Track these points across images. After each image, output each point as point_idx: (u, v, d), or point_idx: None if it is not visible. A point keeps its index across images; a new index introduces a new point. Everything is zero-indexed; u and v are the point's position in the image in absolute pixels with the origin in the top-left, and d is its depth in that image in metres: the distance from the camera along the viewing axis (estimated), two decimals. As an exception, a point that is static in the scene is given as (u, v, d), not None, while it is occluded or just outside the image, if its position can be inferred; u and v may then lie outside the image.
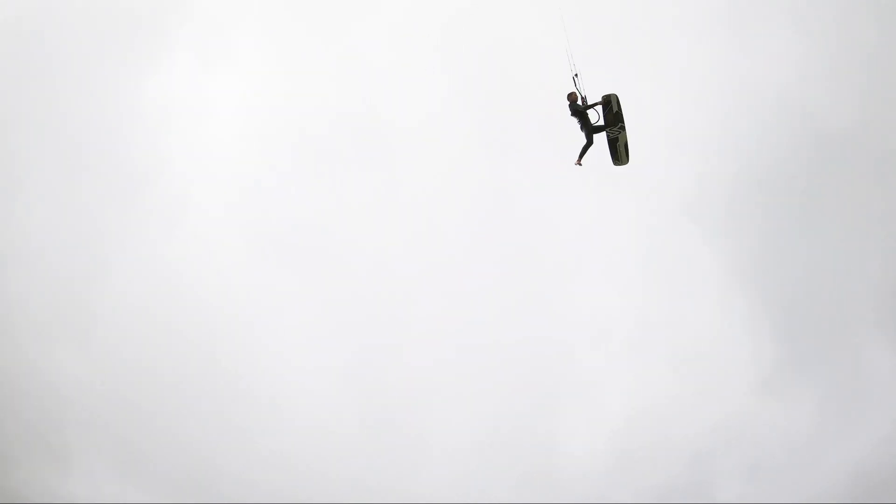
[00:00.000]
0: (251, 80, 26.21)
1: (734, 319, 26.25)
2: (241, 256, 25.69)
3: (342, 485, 24.60)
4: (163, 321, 24.51)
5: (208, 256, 25.15)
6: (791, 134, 24.59)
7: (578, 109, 9.79)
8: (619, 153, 10.26)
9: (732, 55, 25.47)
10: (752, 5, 25.67)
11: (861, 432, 26.21)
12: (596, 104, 9.86)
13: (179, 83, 25.96)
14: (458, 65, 26.00)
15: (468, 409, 24.78)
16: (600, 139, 10.18)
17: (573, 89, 9.68)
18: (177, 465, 23.75)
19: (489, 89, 26.07)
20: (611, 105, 9.90)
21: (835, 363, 26.07)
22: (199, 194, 25.77)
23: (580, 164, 10.17)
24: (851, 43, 24.24)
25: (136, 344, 24.10)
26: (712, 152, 26.43)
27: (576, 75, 9.57)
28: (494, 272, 26.47)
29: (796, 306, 26.14)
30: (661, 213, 27.09)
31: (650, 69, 24.65)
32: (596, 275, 26.30)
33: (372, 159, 26.68)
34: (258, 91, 26.22)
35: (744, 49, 25.06)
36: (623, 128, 9.94)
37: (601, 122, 9.97)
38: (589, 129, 9.98)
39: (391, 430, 24.88)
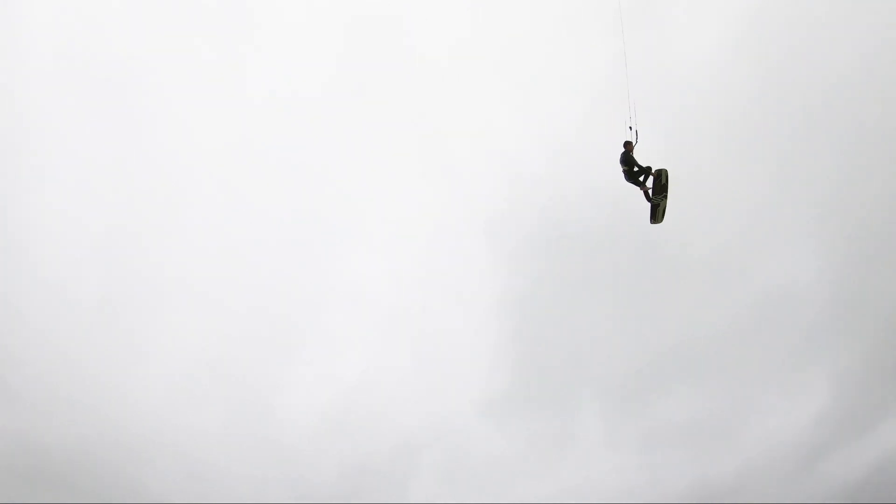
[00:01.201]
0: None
1: (487, 339, 27.53)
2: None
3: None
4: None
5: None
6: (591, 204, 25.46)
7: (630, 162, 11.44)
8: (657, 216, 12.36)
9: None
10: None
11: (551, 475, 29.03)
12: (646, 169, 11.62)
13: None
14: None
15: (201, 333, 25.09)
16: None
17: (630, 139, 11.19)
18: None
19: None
20: (661, 178, 11.84)
21: (554, 414, 28.44)
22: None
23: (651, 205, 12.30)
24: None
25: None
26: (533, 200, 26.95)
27: (630, 127, 11.05)
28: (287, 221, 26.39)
29: (540, 354, 27.90)
30: (468, 221, 27.53)
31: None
32: (378, 251, 26.67)
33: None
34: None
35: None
36: (666, 197, 11.94)
37: (644, 181, 11.82)
38: (631, 178, 11.65)
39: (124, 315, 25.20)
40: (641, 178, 11.97)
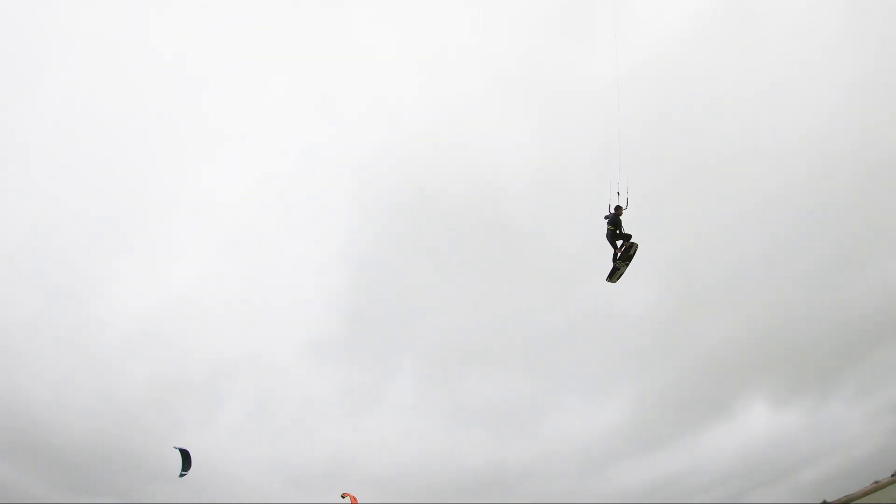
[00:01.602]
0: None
1: (324, 283, 27.73)
2: None
3: None
4: None
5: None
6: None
7: (617, 224, 13.02)
8: (614, 277, 13.84)
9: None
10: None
11: (358, 427, 29.74)
12: (627, 236, 13.19)
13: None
14: None
15: (27, 217, 23.69)
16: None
17: (620, 204, 12.80)
18: None
19: None
20: (631, 249, 13.29)
21: (372, 370, 29.17)
22: None
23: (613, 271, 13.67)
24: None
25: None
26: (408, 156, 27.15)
27: (618, 192, 12.66)
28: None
29: (373, 310, 28.77)
30: (337, 160, 27.50)
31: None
32: (235, 171, 26.13)
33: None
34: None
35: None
36: (627, 265, 13.52)
37: (620, 247, 13.32)
38: (612, 237, 13.18)
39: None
40: (619, 242, 13.48)
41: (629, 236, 13.42)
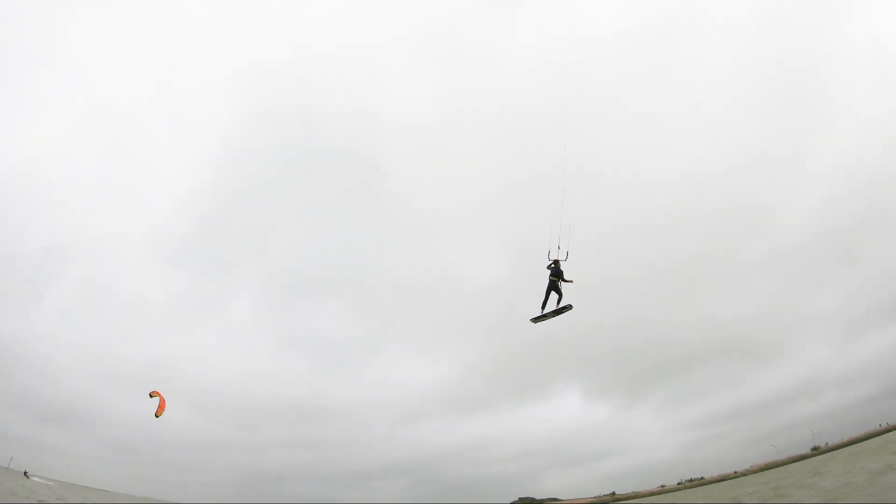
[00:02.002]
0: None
1: (187, 179, 26.00)
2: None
3: None
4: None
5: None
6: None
7: (559, 276, 14.64)
8: (537, 320, 15.30)
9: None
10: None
11: (190, 332, 28.98)
12: (564, 307, 14.96)
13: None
14: None
15: None
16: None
17: (561, 259, 14.51)
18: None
19: None
20: (564, 308, 14.91)
21: (217, 279, 28.43)
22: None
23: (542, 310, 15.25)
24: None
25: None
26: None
27: (559, 247, 14.43)
28: None
29: (234, 216, 29.04)
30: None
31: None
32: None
33: None
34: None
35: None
36: (551, 317, 15.10)
37: (556, 297, 14.91)
38: (550, 285, 14.66)
39: None
40: (557, 295, 14.82)
41: (569, 307, 15.02)
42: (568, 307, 15.04)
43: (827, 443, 70.47)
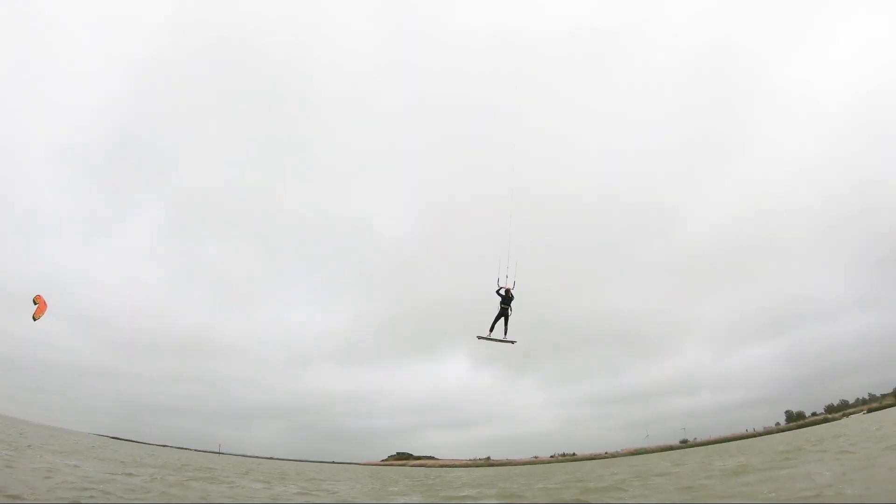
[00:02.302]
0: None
1: (96, 87, 23.50)
2: None
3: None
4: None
5: None
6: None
7: (508, 303, 16.06)
8: (482, 338, 16.39)
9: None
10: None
11: (83, 250, 27.04)
12: (509, 341, 16.43)
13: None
14: None
15: None
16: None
17: (510, 288, 16.06)
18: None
19: None
20: (509, 340, 16.31)
21: (116, 201, 26.72)
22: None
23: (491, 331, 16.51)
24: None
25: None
26: None
27: (507, 276, 16.13)
28: None
29: (141, 133, 26.12)
30: None
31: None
32: None
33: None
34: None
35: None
36: (496, 341, 16.44)
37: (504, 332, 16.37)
38: (501, 311, 16.00)
39: None
40: (504, 325, 15.77)
41: (513, 342, 15.94)
42: (512, 342, 16.01)
43: (696, 438, 77.17)
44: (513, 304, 15.74)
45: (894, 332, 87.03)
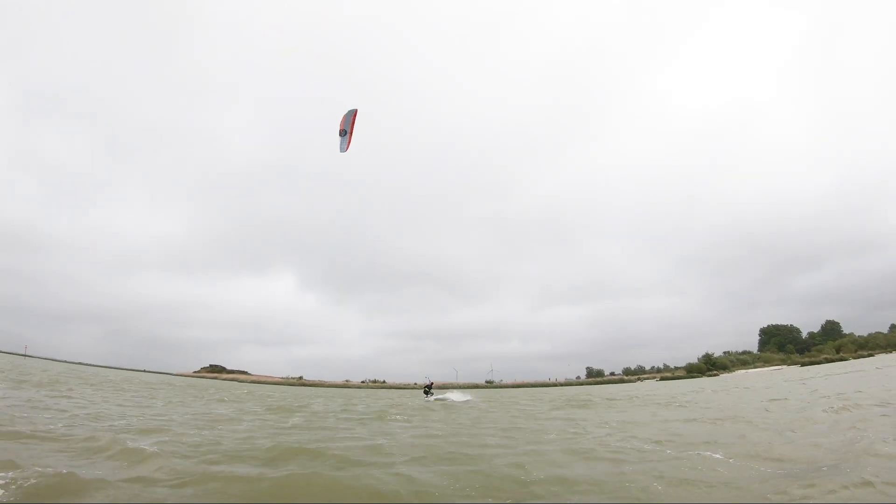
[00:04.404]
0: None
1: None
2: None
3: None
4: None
5: None
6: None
7: (429, 391, 25.78)
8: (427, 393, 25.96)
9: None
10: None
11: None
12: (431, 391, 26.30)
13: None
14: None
15: None
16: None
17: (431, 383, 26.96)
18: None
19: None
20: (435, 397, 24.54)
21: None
22: None
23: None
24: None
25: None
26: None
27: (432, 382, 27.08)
28: None
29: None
30: None
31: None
32: None
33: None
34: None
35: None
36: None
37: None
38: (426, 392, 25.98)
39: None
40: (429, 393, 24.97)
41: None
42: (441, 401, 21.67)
43: (501, 380, 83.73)
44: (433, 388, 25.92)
45: (690, 317, 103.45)
